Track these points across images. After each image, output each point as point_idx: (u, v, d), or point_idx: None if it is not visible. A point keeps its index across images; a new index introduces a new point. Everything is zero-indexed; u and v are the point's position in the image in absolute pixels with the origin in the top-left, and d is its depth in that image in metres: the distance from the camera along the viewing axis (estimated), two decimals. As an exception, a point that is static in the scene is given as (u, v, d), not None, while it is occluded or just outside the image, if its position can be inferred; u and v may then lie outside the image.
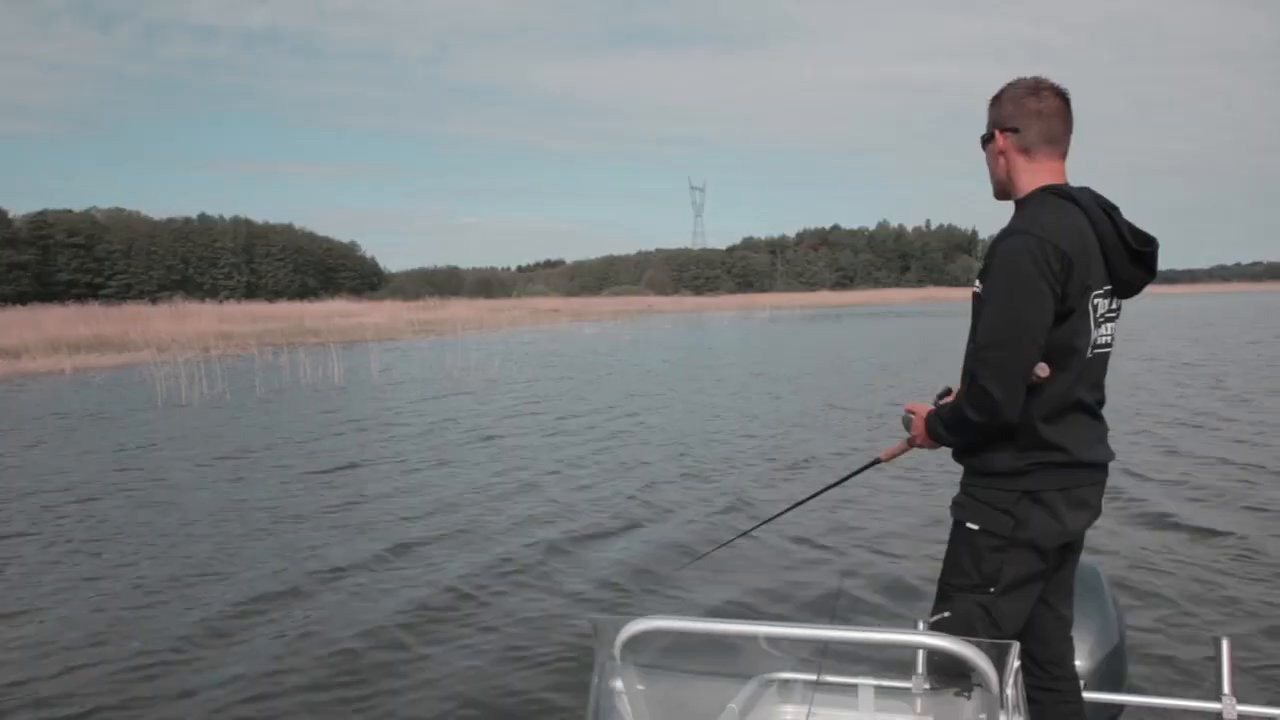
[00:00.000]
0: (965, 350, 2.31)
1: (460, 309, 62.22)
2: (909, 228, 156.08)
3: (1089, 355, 2.27)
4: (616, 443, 11.24)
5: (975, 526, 2.30)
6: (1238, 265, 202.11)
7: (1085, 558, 2.57)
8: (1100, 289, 2.27)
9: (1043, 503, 2.25)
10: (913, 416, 2.52)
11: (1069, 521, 2.28)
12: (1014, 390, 2.17)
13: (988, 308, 2.23)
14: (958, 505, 2.36)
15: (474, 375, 20.74)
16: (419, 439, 11.92)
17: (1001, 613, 2.29)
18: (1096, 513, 2.36)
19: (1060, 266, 2.16)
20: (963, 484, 2.37)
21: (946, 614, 2.33)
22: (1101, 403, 2.38)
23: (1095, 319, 2.27)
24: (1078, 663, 2.59)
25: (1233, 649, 2.39)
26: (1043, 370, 2.21)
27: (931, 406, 2.46)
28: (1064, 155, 2.36)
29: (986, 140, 2.42)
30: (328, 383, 19.56)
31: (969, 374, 2.25)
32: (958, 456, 2.40)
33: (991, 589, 2.28)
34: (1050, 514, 2.26)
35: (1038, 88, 2.33)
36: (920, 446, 2.52)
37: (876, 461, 2.77)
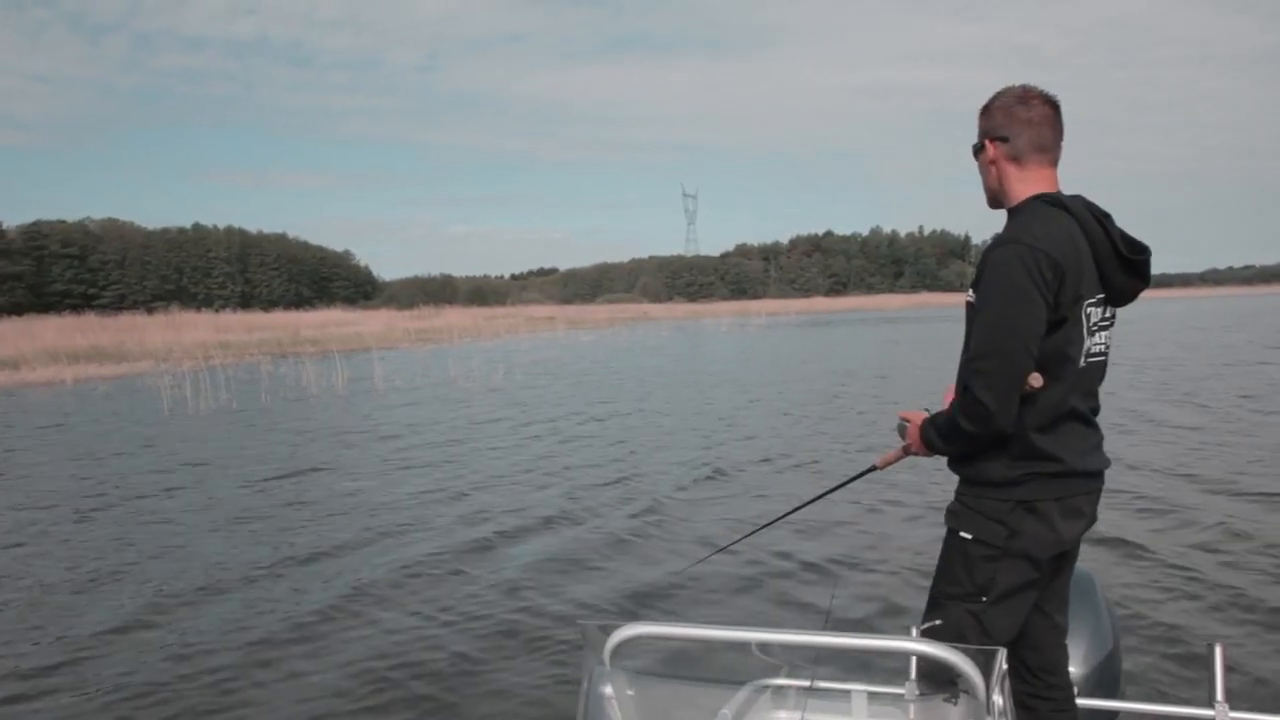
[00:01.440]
0: (960, 359, 2.31)
1: (456, 317, 62.33)
2: (902, 233, 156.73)
3: (1082, 364, 2.27)
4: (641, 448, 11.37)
5: (969, 536, 2.30)
6: (1230, 269, 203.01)
7: (1079, 564, 2.59)
8: (1092, 297, 2.27)
9: (1037, 513, 2.25)
10: (908, 424, 2.52)
11: (1063, 531, 2.28)
12: (1008, 400, 2.18)
13: (980, 316, 2.22)
14: (952, 514, 2.36)
15: (478, 382, 20.83)
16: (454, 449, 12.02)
17: (993, 622, 2.28)
18: (1091, 521, 2.37)
19: (1052, 275, 2.16)
20: (957, 493, 2.38)
21: (938, 621, 2.32)
22: (1096, 411, 2.38)
23: (1088, 328, 2.27)
24: (1072, 669, 2.60)
25: (1226, 655, 2.38)
26: (1036, 380, 2.22)
27: (926, 414, 2.47)
28: (1055, 163, 2.36)
29: (978, 150, 2.43)
30: (331, 391, 19.62)
31: (963, 384, 2.24)
32: (953, 466, 2.40)
33: (984, 598, 2.28)
34: (1045, 524, 2.26)
35: (1026, 96, 2.33)
36: (915, 454, 2.52)
37: (872, 469, 2.82)
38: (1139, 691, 3.99)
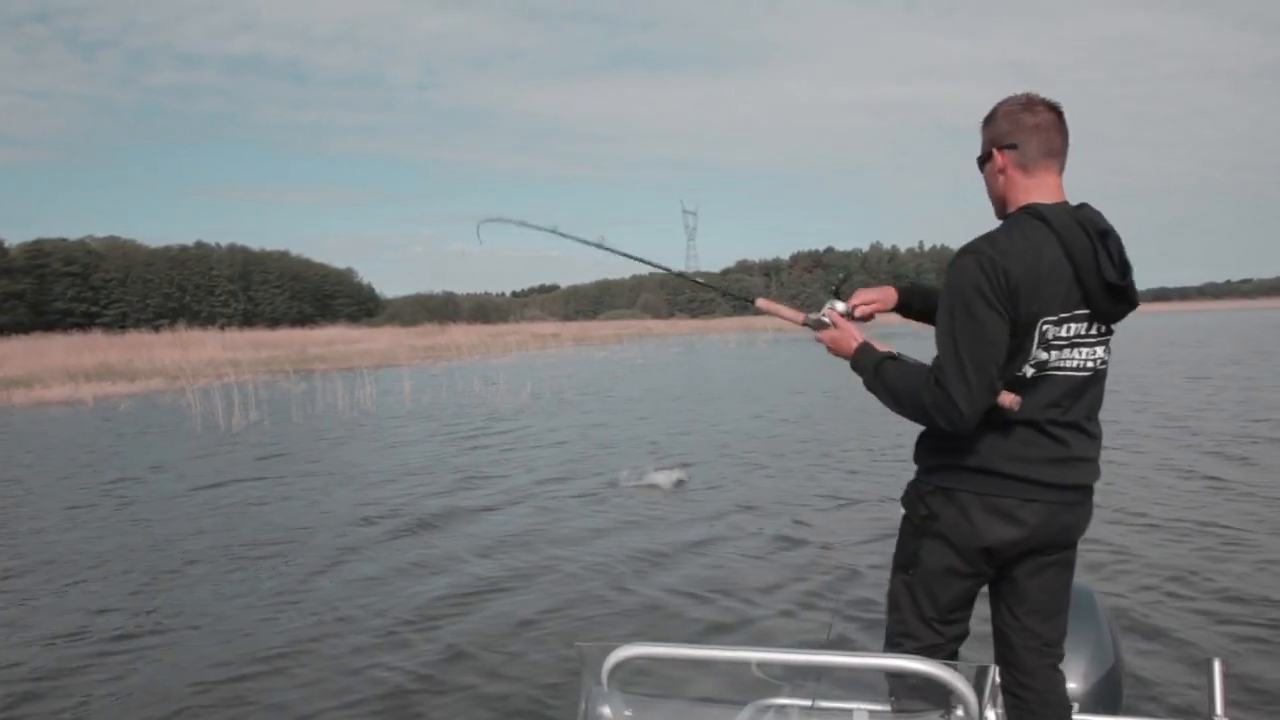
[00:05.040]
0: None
1: (460, 334, 62.27)
2: (902, 248, 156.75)
3: (1031, 375, 2.26)
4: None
5: (904, 511, 2.47)
6: (1228, 282, 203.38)
7: (1078, 580, 2.56)
8: (1055, 314, 2.24)
9: (956, 502, 2.32)
10: (836, 329, 2.57)
11: (982, 526, 2.29)
12: (980, 406, 2.20)
13: (946, 322, 2.25)
14: (904, 492, 2.51)
15: (510, 399, 20.73)
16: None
17: (921, 595, 2.39)
18: (1042, 532, 2.32)
19: (1006, 289, 2.18)
20: (914, 475, 2.50)
21: (889, 588, 2.50)
22: (1072, 426, 2.32)
23: (1045, 342, 2.25)
24: (1073, 685, 2.59)
25: (1226, 670, 2.39)
26: (1008, 400, 2.25)
27: (863, 338, 2.53)
28: (1062, 169, 2.36)
29: (984, 160, 2.43)
30: (358, 407, 19.55)
31: (935, 380, 2.24)
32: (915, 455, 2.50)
33: (911, 571, 2.42)
34: (960, 514, 2.31)
35: (1031, 103, 2.35)
36: (826, 347, 2.61)
37: (753, 301, 2.88)
38: (1140, 707, 4.03)
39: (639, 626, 5.53)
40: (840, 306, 2.64)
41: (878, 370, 2.41)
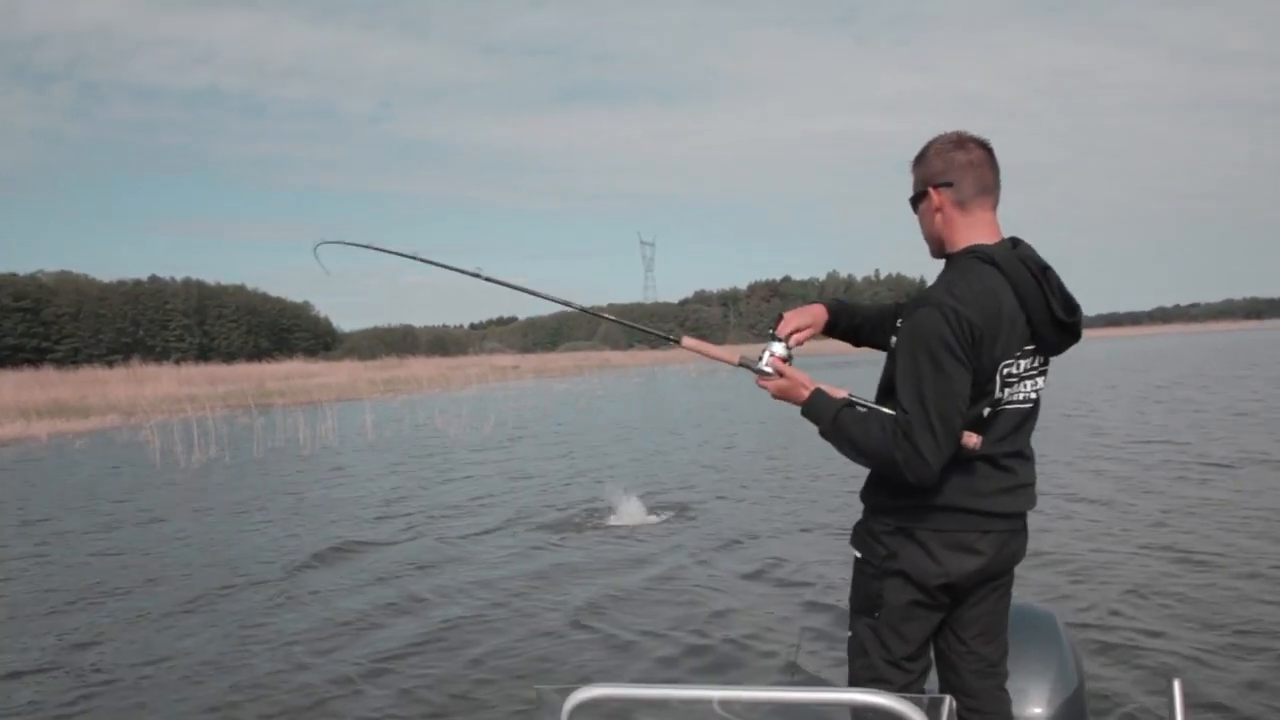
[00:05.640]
0: (876, 395, 2.39)
1: (420, 367, 62.05)
2: (858, 277, 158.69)
3: (986, 413, 2.29)
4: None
5: (859, 554, 2.43)
6: (1177, 307, 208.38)
7: (1039, 604, 2.64)
8: (1012, 356, 2.28)
9: (916, 540, 2.31)
10: (782, 379, 2.45)
11: (947, 563, 2.30)
12: (945, 459, 2.21)
13: (910, 377, 2.22)
14: (853, 533, 2.48)
15: (473, 433, 20.72)
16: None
17: (888, 637, 2.36)
18: (996, 559, 2.37)
19: (971, 340, 2.19)
20: (862, 515, 2.47)
21: (850, 634, 2.46)
22: (1019, 455, 2.38)
23: (1004, 380, 2.28)
24: (1036, 710, 2.66)
25: (1185, 690, 2.39)
26: (971, 440, 2.26)
27: (815, 385, 2.42)
28: (995, 205, 2.38)
29: (917, 200, 2.42)
30: (320, 441, 19.48)
31: (904, 433, 2.21)
32: (861, 493, 2.48)
33: (875, 614, 2.37)
34: (922, 551, 2.30)
35: (962, 140, 2.35)
36: (768, 391, 2.49)
37: (677, 342, 2.73)
38: None
39: (600, 661, 5.47)
40: (780, 350, 2.51)
41: (836, 421, 2.35)
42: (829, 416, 2.36)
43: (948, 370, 2.17)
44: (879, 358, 2.51)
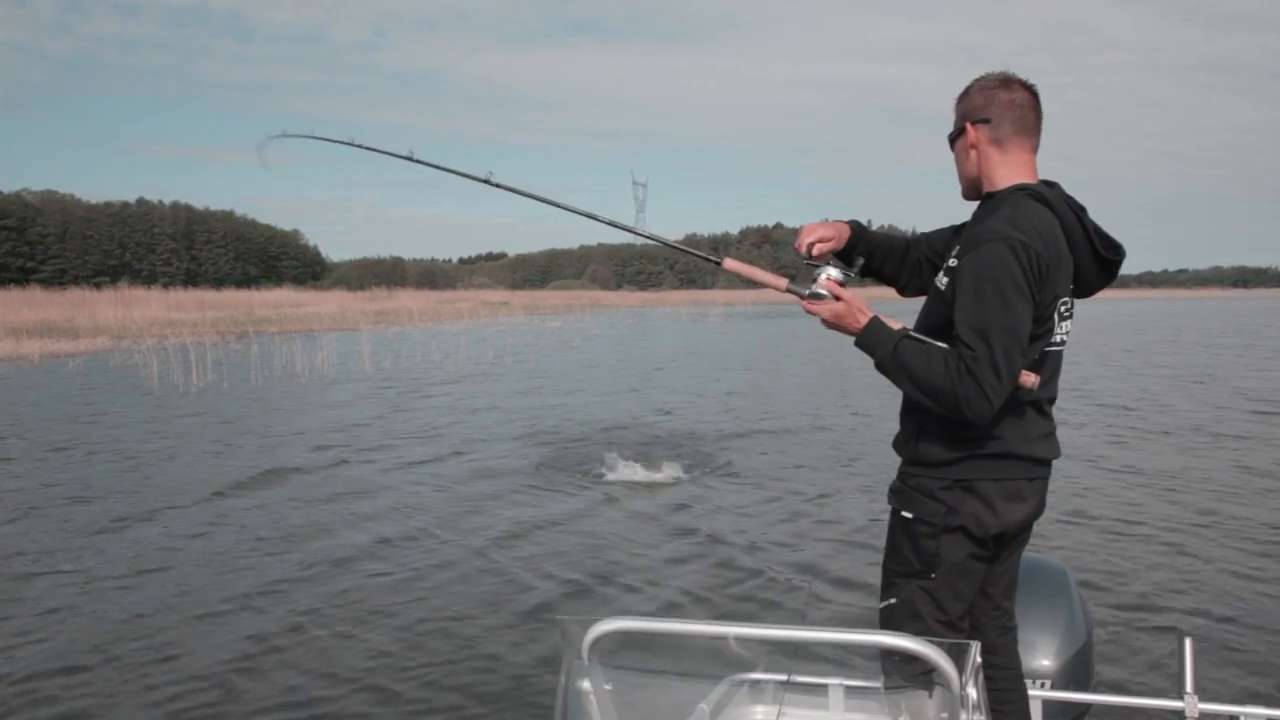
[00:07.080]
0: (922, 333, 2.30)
1: (409, 300, 62.05)
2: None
3: (1039, 354, 2.27)
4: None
5: (910, 515, 2.32)
6: (1165, 272, 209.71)
7: (1052, 558, 2.73)
8: (1066, 294, 2.28)
9: (975, 492, 2.26)
10: (839, 302, 2.33)
11: (1003, 512, 2.28)
12: (1004, 396, 2.15)
13: (973, 313, 2.16)
14: (894, 494, 2.39)
15: (475, 366, 20.86)
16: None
17: (944, 596, 2.30)
18: (1036, 508, 2.37)
19: (1038, 274, 2.16)
20: (899, 473, 2.40)
21: (893, 600, 2.36)
22: (1052, 399, 2.37)
23: (1060, 318, 2.29)
24: (1045, 662, 2.68)
25: (1196, 648, 2.41)
26: (1029, 379, 2.21)
27: (872, 312, 2.33)
28: (1035, 149, 2.35)
29: (955, 136, 2.39)
30: (316, 371, 19.63)
31: (966, 368, 2.13)
32: (896, 447, 2.42)
33: (932, 574, 2.29)
34: (982, 503, 2.26)
35: (1008, 80, 2.32)
36: (823, 320, 2.38)
37: (717, 264, 2.61)
38: (1112, 684, 4.17)
39: (618, 600, 5.60)
40: (835, 274, 2.38)
41: (896, 351, 2.25)
42: (889, 346, 2.27)
43: (1014, 305, 2.13)
44: (904, 305, 2.45)
